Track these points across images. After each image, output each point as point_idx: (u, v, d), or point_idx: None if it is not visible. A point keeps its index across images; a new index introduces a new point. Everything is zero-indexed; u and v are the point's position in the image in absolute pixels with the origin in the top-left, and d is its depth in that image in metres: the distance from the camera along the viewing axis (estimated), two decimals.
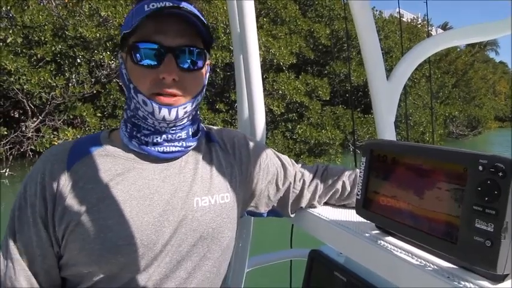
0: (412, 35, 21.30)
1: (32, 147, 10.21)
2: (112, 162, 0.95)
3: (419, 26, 24.28)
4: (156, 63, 0.90)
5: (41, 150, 9.15)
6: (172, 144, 0.97)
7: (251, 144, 1.15)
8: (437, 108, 20.60)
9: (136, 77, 0.92)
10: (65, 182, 0.91)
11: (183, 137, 0.99)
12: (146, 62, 0.90)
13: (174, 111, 0.91)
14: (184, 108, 0.93)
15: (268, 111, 13.59)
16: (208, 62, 1.02)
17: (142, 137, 0.96)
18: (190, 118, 1.00)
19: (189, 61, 0.93)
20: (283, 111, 13.62)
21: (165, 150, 0.97)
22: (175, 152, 0.98)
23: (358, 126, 14.86)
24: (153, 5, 0.90)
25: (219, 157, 1.07)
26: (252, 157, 1.12)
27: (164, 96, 0.91)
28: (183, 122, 0.97)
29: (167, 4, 0.91)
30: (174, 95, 0.91)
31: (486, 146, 27.03)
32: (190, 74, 0.94)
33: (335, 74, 15.95)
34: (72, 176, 0.91)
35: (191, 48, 0.93)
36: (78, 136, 9.13)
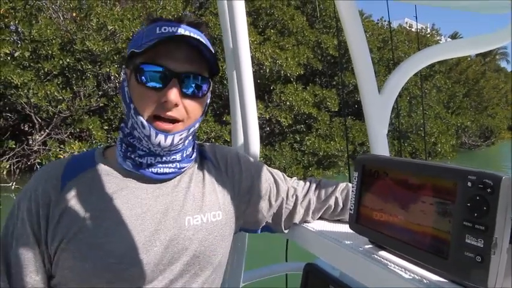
0: (422, 45, 21.22)
1: (39, 160, 10.25)
2: (105, 181, 0.95)
3: (428, 35, 24.21)
4: (160, 86, 0.91)
5: None
6: (167, 165, 0.98)
7: (243, 160, 1.16)
8: (449, 119, 20.43)
9: (138, 98, 0.93)
10: (58, 200, 0.91)
11: (177, 159, 1.00)
12: (151, 83, 0.91)
13: (170, 138, 0.92)
14: (180, 135, 0.94)
15: (276, 123, 13.56)
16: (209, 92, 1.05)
17: (136, 158, 0.96)
18: (185, 143, 1.00)
19: (192, 88, 0.94)
20: (291, 122, 13.58)
21: (159, 172, 0.97)
22: (169, 173, 0.99)
23: (368, 137, 14.74)
24: (165, 29, 0.93)
25: (211, 175, 1.08)
26: (245, 173, 1.12)
27: (163, 121, 0.92)
28: (178, 148, 0.98)
29: (179, 30, 0.94)
30: (173, 121, 0.93)
31: (501, 158, 26.52)
32: (192, 101, 0.95)
33: (344, 85, 15.86)
34: (65, 194, 0.92)
35: (196, 76, 0.95)
36: (84, 149, 9.16)
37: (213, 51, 0.95)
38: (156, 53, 0.91)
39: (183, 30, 0.94)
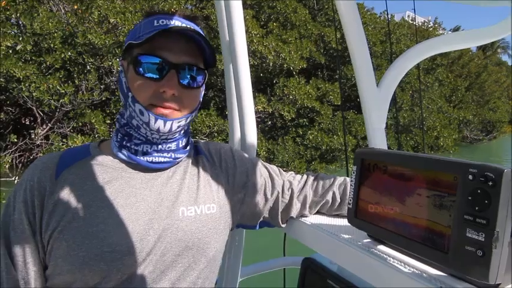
0: (424, 39, 21.10)
1: (41, 154, 10.25)
2: (100, 171, 0.97)
3: (430, 29, 24.09)
4: (158, 76, 0.94)
5: None
6: (162, 154, 1.00)
7: (237, 155, 1.18)
8: (451, 112, 20.37)
9: (137, 87, 0.95)
10: (52, 189, 0.93)
11: (172, 148, 1.02)
12: (149, 74, 0.94)
13: (168, 124, 0.95)
14: (179, 122, 0.97)
15: (279, 117, 13.53)
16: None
17: (132, 146, 0.99)
18: (182, 132, 1.03)
19: (189, 79, 0.97)
20: (293, 116, 13.53)
21: (153, 160, 0.99)
22: (164, 162, 1.01)
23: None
24: (162, 21, 0.96)
25: (205, 169, 1.10)
26: (239, 168, 1.14)
27: (162, 107, 0.94)
28: (175, 136, 1.01)
29: (176, 22, 0.96)
30: (171, 108, 0.95)
31: (503, 152, 26.46)
32: (189, 91, 0.98)
33: (346, 79, 15.82)
34: (59, 183, 0.93)
35: (193, 67, 0.98)
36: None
37: (210, 43, 0.97)
38: (154, 45, 0.94)
39: (180, 23, 0.97)
